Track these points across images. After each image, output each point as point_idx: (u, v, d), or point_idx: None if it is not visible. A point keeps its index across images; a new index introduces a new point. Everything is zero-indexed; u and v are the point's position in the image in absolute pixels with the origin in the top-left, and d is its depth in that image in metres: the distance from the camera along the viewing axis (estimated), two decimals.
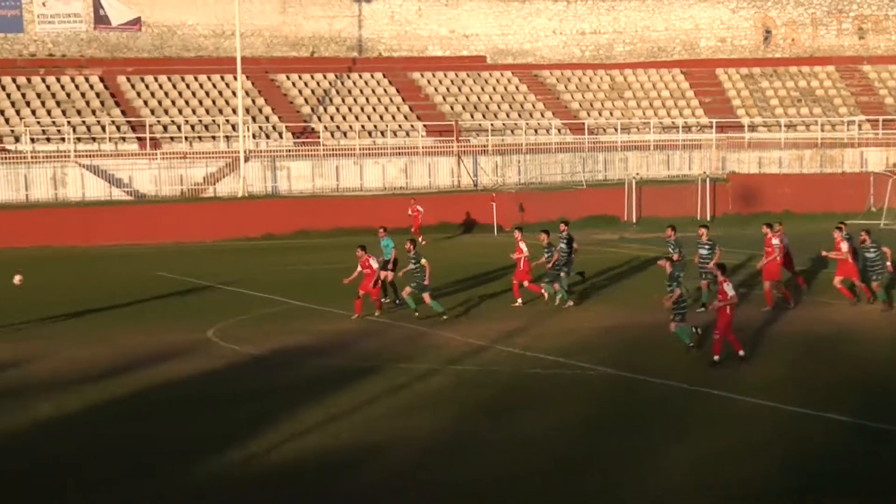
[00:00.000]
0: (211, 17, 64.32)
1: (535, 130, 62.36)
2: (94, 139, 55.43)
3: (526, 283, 30.57)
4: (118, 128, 56.62)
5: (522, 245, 30.48)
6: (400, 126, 61.01)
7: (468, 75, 65.88)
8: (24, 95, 57.31)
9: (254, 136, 57.21)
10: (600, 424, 19.12)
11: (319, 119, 60.50)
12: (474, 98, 64.31)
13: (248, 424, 19.07)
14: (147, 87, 59.98)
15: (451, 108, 63.23)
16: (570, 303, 30.26)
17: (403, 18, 68.13)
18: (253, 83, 61.11)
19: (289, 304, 31.25)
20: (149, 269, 39.35)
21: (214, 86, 61.04)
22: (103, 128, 56.10)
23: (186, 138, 56.78)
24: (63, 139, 54.47)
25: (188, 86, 60.74)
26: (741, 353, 23.00)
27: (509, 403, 20.48)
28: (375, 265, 29.06)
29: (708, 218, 51.05)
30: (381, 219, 49.77)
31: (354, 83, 63.78)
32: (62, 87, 58.57)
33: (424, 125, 60.79)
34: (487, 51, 69.01)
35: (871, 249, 28.85)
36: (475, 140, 60.03)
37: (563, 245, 30.22)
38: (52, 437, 18.89)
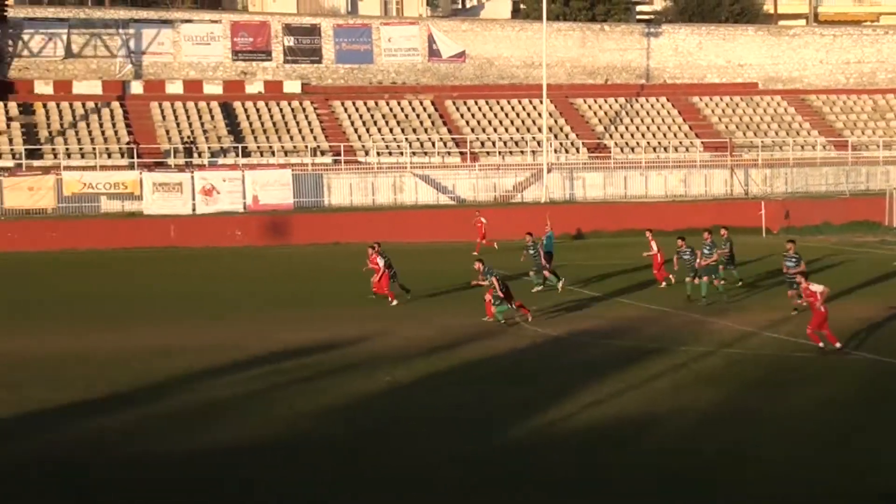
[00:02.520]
0: (523, 50, 65.83)
1: (802, 147, 60.68)
2: (425, 153, 57.80)
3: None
4: (445, 143, 58.93)
5: (654, 244, 32.16)
6: (680, 143, 60.77)
7: (741, 99, 64.73)
8: (372, 116, 60.21)
9: (555, 151, 58.37)
10: (859, 402, 18.90)
11: (611, 136, 61.03)
12: (746, 119, 63.19)
13: (551, 395, 19.36)
14: (468, 109, 62.08)
15: (726, 126, 62.39)
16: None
17: (686, 50, 67.67)
18: (555, 106, 62.25)
19: (584, 294, 31.44)
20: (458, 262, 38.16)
21: (524, 108, 62.52)
22: (433, 144, 58.56)
23: (500, 153, 58.56)
24: (401, 153, 57.23)
25: (502, 108, 62.48)
26: (837, 345, 22.16)
27: (775, 381, 20.44)
28: (381, 263, 29.74)
29: None
30: (660, 222, 49.88)
31: (642, 106, 63.92)
32: (401, 109, 61.27)
33: (702, 142, 60.32)
34: (759, 78, 67.57)
35: None
36: (747, 155, 59.06)
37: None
38: (391, 403, 19.32)
